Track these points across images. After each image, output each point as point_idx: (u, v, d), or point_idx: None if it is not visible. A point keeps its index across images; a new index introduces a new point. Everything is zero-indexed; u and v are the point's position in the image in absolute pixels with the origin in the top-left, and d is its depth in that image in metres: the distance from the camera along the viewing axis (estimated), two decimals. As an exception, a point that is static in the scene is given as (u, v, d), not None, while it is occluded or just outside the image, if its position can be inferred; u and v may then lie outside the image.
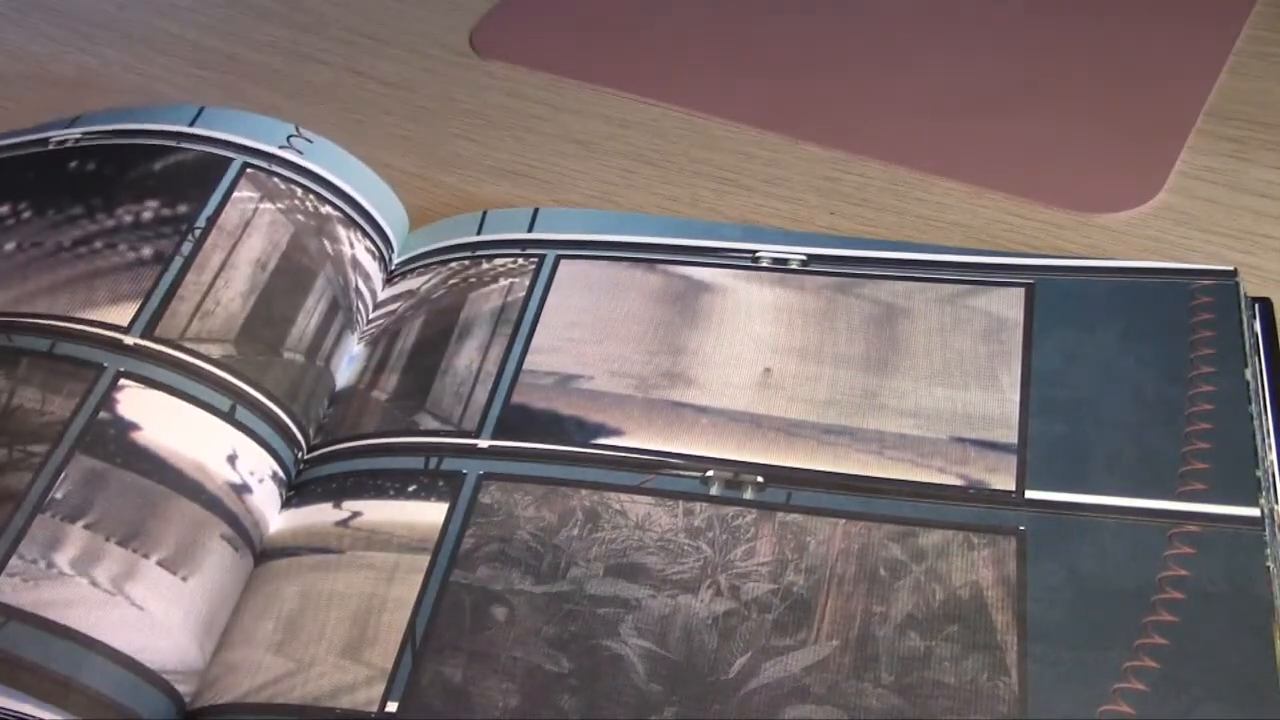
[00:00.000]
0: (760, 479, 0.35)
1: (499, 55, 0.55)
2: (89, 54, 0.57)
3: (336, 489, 0.36)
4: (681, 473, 0.35)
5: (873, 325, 0.38)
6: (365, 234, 0.43)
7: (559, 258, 0.42)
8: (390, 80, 0.54)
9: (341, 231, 0.42)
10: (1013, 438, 0.35)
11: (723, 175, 0.48)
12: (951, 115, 0.49)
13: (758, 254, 0.41)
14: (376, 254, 0.43)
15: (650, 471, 0.35)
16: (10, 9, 0.60)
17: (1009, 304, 0.38)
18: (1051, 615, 0.31)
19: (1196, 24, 0.52)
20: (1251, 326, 0.37)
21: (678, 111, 0.51)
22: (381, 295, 0.42)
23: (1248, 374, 0.35)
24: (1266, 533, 0.32)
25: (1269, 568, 0.31)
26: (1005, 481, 0.34)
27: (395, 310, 0.41)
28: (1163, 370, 0.36)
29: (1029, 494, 0.34)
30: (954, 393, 0.36)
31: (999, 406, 0.36)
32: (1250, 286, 0.41)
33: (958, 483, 0.34)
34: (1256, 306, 0.39)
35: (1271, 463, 0.34)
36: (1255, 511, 0.32)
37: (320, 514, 0.36)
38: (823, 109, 0.50)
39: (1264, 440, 0.35)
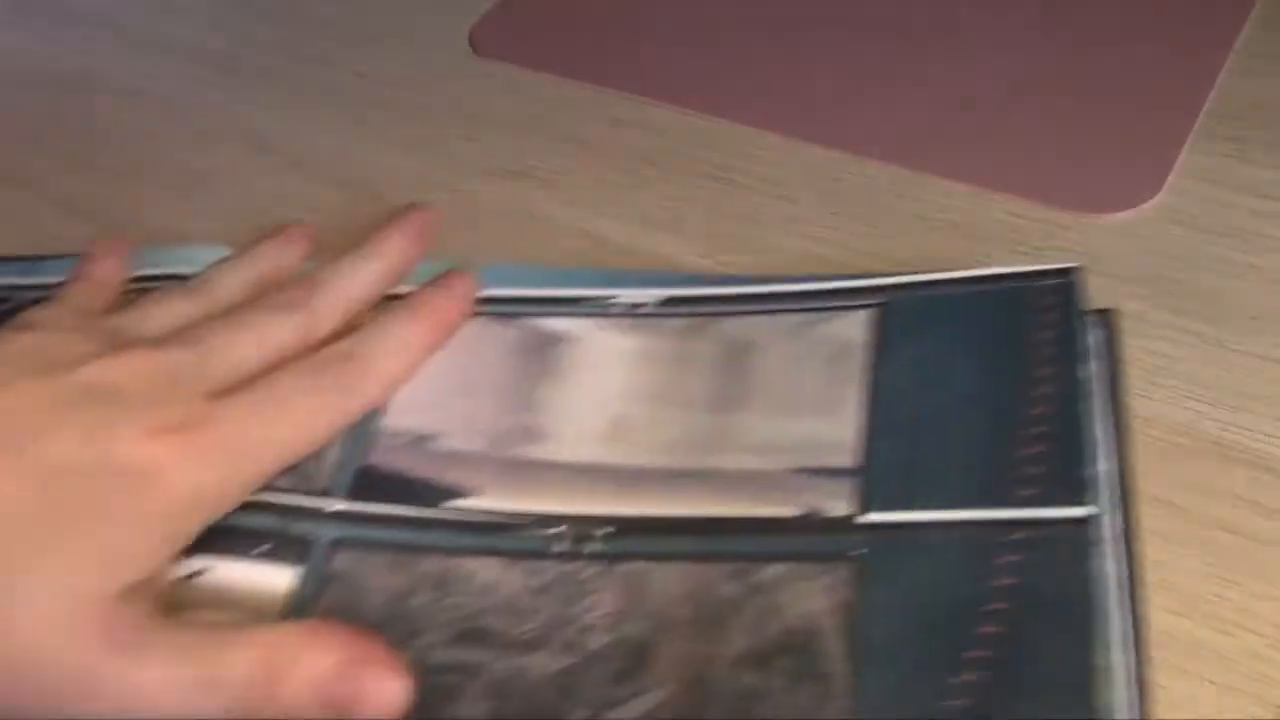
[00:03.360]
0: (606, 530, 0.34)
1: (499, 55, 0.55)
2: (89, 54, 0.57)
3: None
4: (531, 531, 0.35)
5: (723, 363, 0.38)
6: None
7: None
8: (390, 80, 0.54)
9: None
10: (854, 461, 0.35)
11: (723, 175, 0.48)
12: (951, 115, 0.49)
13: (614, 300, 0.41)
14: None
15: (499, 532, 0.35)
16: (10, 9, 0.60)
17: (858, 327, 0.38)
18: (884, 638, 0.31)
19: (1196, 24, 0.52)
20: (1086, 334, 0.37)
21: (678, 111, 0.51)
22: None
23: (1082, 372, 0.35)
24: (1093, 534, 0.32)
25: (1093, 570, 0.31)
26: (845, 507, 0.34)
27: None
28: (1003, 376, 0.36)
29: (867, 518, 0.33)
30: (799, 422, 0.36)
31: (842, 431, 0.35)
32: (1250, 286, 0.41)
33: (798, 513, 0.34)
34: (1097, 317, 0.39)
35: (1107, 466, 0.34)
36: (1083, 512, 0.32)
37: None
38: (823, 109, 0.50)
39: (1099, 443, 0.34)
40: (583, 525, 0.35)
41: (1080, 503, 0.32)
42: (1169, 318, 0.41)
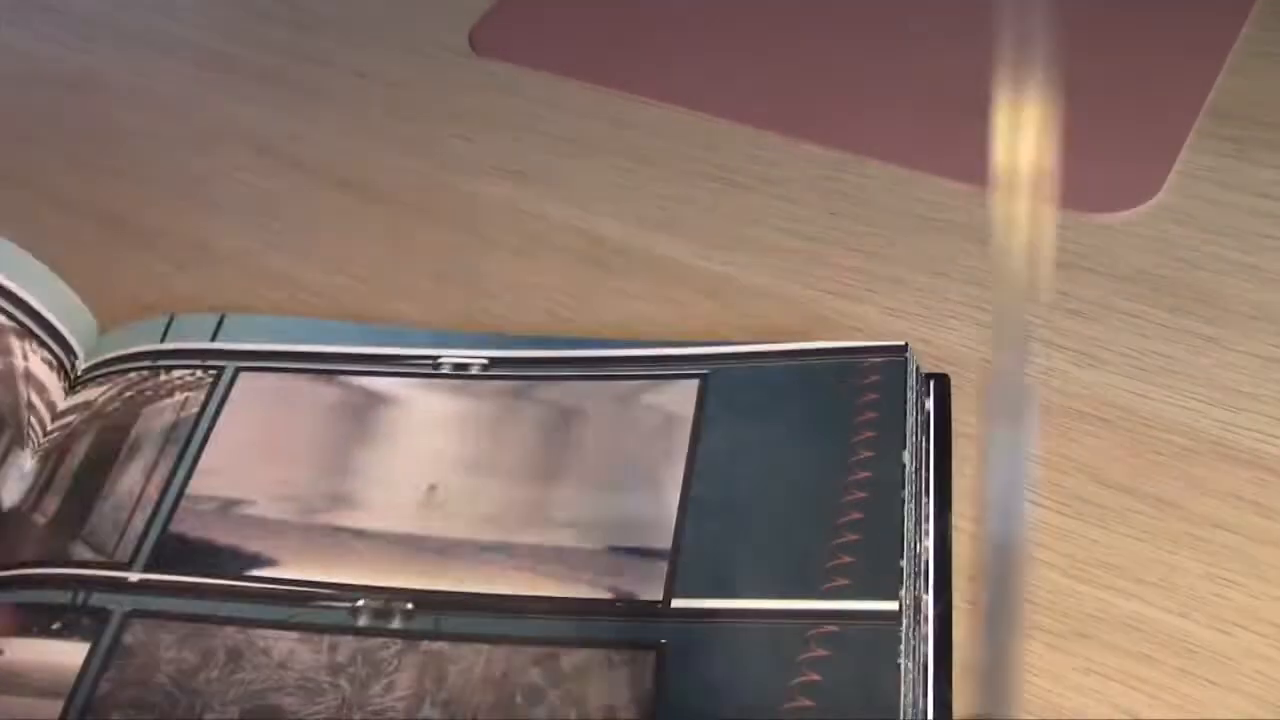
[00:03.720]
0: (410, 606, 0.33)
1: (498, 55, 0.55)
2: (89, 54, 0.57)
3: None
4: (332, 604, 0.34)
5: (545, 431, 0.37)
6: (43, 343, 0.40)
7: (239, 370, 0.39)
8: (390, 80, 0.54)
9: (15, 343, 0.39)
10: (667, 543, 0.34)
11: (723, 175, 0.48)
12: (951, 115, 0.49)
13: (439, 360, 0.39)
14: (55, 363, 0.40)
15: (300, 604, 0.34)
16: (10, 9, 0.60)
17: (682, 399, 0.37)
18: None
19: (1196, 24, 0.52)
20: (922, 404, 0.37)
21: (678, 111, 0.51)
22: (62, 405, 0.40)
23: (905, 457, 0.34)
24: (902, 627, 0.31)
25: (900, 665, 0.30)
26: (654, 591, 0.33)
27: (70, 423, 0.39)
28: (824, 458, 0.35)
29: (675, 603, 0.33)
30: (616, 498, 0.35)
31: (657, 510, 0.34)
32: (1250, 287, 0.41)
33: (607, 596, 0.33)
34: (931, 382, 0.38)
35: (926, 549, 0.34)
36: (894, 605, 0.31)
37: None
38: (823, 109, 0.50)
39: (920, 524, 0.34)
40: (387, 599, 0.34)
41: (892, 596, 0.32)
42: (1168, 317, 0.41)
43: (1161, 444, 0.37)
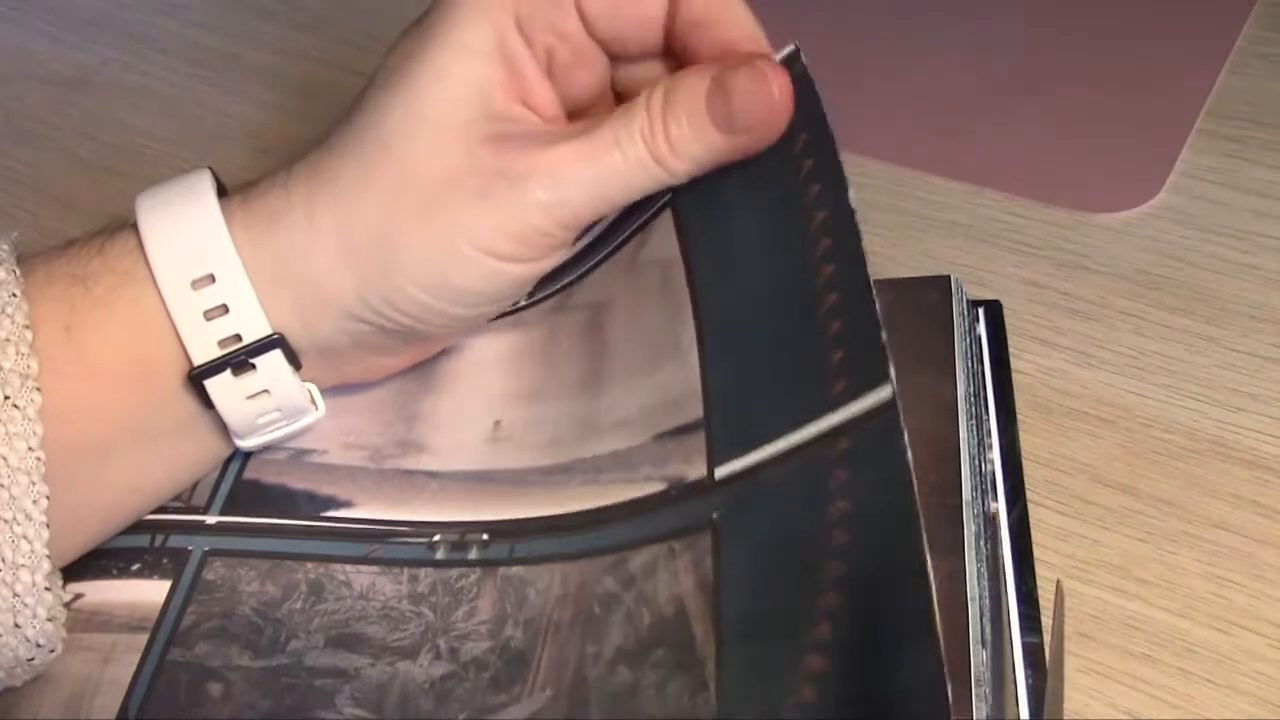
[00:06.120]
0: (485, 536, 0.34)
1: (499, 55, 0.54)
2: (89, 53, 0.57)
3: (63, 571, 0.35)
4: (409, 539, 0.34)
5: (586, 336, 0.37)
6: None
7: None
8: (390, 80, 0.54)
9: None
10: (700, 410, 0.33)
11: (723, 175, 0.48)
12: (951, 115, 0.49)
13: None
14: None
15: (377, 541, 0.35)
16: (10, 9, 0.60)
17: (667, 239, 0.35)
18: (742, 609, 0.29)
19: (1196, 24, 0.52)
20: (973, 328, 0.37)
21: (678, 111, 0.51)
22: None
23: (851, 196, 0.32)
24: (900, 414, 0.28)
25: (906, 451, 0.28)
26: (699, 467, 0.32)
27: None
28: (788, 240, 0.32)
29: (718, 473, 0.32)
30: (652, 380, 0.35)
31: (686, 376, 0.34)
32: (1250, 287, 0.41)
33: (662, 488, 0.33)
34: (981, 309, 0.39)
35: (991, 460, 0.35)
36: (889, 392, 0.29)
37: None
38: (823, 109, 0.50)
39: (983, 440, 0.35)
40: (463, 533, 0.34)
41: (884, 381, 0.29)
42: (1169, 317, 0.41)
43: (1161, 444, 0.37)
